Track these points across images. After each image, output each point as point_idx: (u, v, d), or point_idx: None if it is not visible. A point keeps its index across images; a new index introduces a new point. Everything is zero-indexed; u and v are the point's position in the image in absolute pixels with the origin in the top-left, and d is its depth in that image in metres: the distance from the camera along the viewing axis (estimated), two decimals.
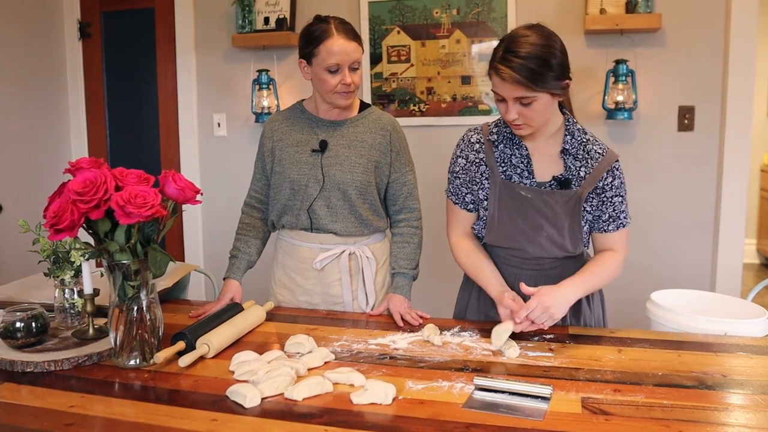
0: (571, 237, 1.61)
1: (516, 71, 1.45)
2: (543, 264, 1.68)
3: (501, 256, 1.71)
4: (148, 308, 1.41)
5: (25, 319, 1.46)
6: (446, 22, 3.07)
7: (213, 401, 1.23)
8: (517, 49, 1.46)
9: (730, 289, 2.86)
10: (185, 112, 3.49)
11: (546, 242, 1.62)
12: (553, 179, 1.61)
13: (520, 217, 1.62)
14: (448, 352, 1.48)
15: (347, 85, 1.78)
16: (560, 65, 1.49)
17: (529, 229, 1.62)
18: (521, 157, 1.64)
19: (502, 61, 1.48)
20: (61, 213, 1.28)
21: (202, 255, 3.57)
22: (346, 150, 1.86)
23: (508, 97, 1.50)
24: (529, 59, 1.45)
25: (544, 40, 1.48)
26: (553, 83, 1.49)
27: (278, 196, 1.91)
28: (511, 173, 1.64)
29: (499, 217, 1.64)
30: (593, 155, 1.61)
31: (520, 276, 1.68)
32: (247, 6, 3.21)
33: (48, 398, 1.25)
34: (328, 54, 1.75)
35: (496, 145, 1.67)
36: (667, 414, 1.15)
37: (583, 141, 1.62)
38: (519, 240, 1.63)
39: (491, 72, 1.52)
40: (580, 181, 1.60)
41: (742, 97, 2.79)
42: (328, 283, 1.92)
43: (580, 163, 1.61)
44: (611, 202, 1.62)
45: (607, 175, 1.60)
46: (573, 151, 1.61)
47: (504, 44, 1.50)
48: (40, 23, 3.42)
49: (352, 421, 1.14)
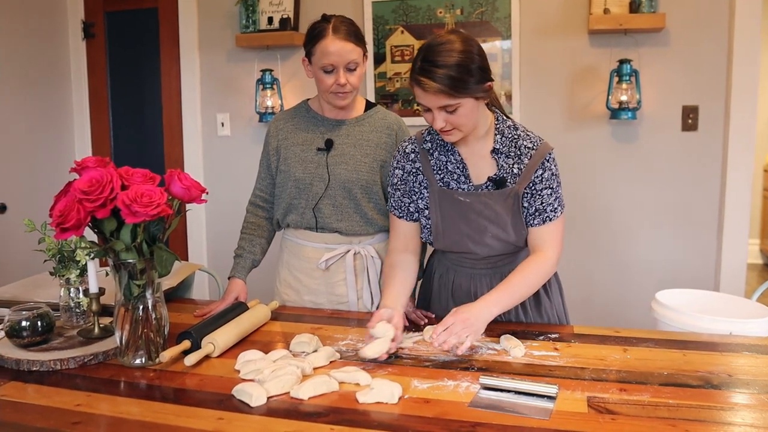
0: (515, 232, 1.61)
1: (437, 81, 1.44)
2: (495, 262, 1.68)
3: (454, 260, 1.72)
4: (154, 307, 1.41)
5: (30, 318, 1.46)
6: (450, 22, 3.07)
7: (219, 400, 1.23)
8: (436, 58, 1.45)
9: (733, 289, 2.86)
10: (189, 112, 3.50)
11: (492, 241, 1.62)
12: (488, 180, 1.61)
13: (463, 221, 1.62)
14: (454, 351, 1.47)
15: (341, 85, 1.78)
16: (480, 69, 1.48)
17: (473, 233, 1.62)
18: (456, 162, 1.63)
19: (422, 72, 1.46)
20: (67, 212, 1.28)
21: (206, 254, 3.57)
22: (352, 149, 1.86)
23: (433, 106, 1.49)
24: (448, 68, 1.43)
25: (462, 45, 1.46)
26: (475, 87, 1.47)
27: (283, 195, 1.91)
28: (448, 180, 1.64)
29: (443, 224, 1.64)
30: (524, 150, 1.60)
31: (474, 276, 1.69)
32: (251, 6, 3.21)
33: (54, 397, 1.26)
34: (322, 54, 1.76)
35: (431, 153, 1.66)
36: (673, 413, 1.15)
37: (514, 138, 1.61)
38: (466, 243, 1.64)
39: (412, 83, 1.50)
40: (515, 177, 1.60)
41: (746, 96, 2.79)
42: (333, 283, 1.92)
43: (512, 161, 1.60)
44: (540, 195, 1.60)
45: (539, 168, 1.59)
46: (504, 149, 1.60)
47: (422, 54, 1.48)
48: (44, 23, 3.42)
49: (359, 420, 1.14)
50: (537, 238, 1.62)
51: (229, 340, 1.49)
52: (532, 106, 3.03)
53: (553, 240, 1.61)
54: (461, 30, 1.52)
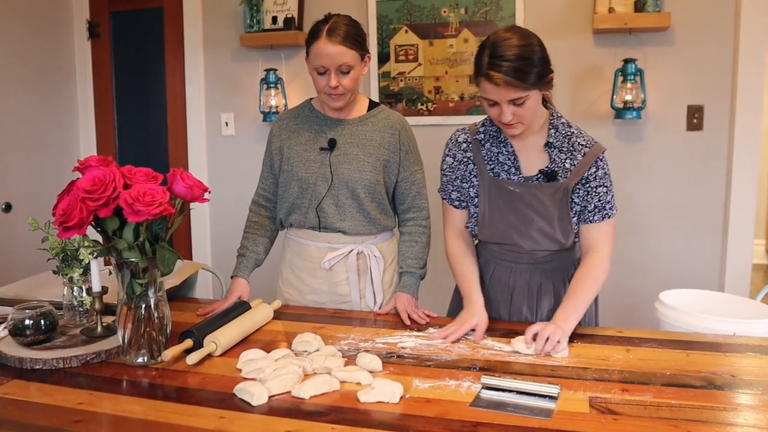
0: (561, 228, 1.64)
1: (507, 74, 1.47)
2: (537, 257, 1.70)
3: (495, 252, 1.74)
4: (156, 306, 1.41)
5: (34, 316, 1.47)
6: (454, 21, 3.07)
7: (220, 399, 1.23)
8: (503, 53, 1.48)
9: (738, 290, 2.84)
10: (193, 112, 3.50)
11: (537, 235, 1.65)
12: (539, 173, 1.64)
13: (511, 212, 1.65)
14: (456, 351, 1.48)
15: (332, 87, 1.77)
16: (543, 60, 1.52)
17: (520, 224, 1.65)
18: (507, 154, 1.67)
19: (491, 67, 1.49)
20: (69, 211, 1.28)
21: (210, 253, 3.58)
22: (355, 149, 1.86)
23: (503, 100, 1.52)
24: (516, 61, 1.48)
25: (525, 39, 1.51)
26: (541, 79, 1.52)
27: (286, 195, 1.92)
28: (498, 170, 1.68)
29: (490, 214, 1.67)
30: (577, 147, 1.63)
31: (514, 270, 1.72)
32: (255, 5, 3.22)
33: (56, 395, 1.26)
34: (315, 55, 1.76)
35: (483, 143, 1.70)
36: (676, 414, 1.14)
37: (568, 134, 1.65)
38: (511, 235, 1.67)
39: (480, 79, 1.53)
40: (566, 173, 1.63)
41: (751, 96, 2.77)
42: (335, 282, 1.92)
43: (565, 156, 1.63)
44: (596, 192, 1.63)
45: (592, 166, 1.63)
46: (557, 144, 1.64)
47: (488, 50, 1.52)
48: (49, 23, 3.43)
49: (360, 419, 1.14)
50: (594, 237, 1.65)
51: (231, 339, 1.50)
52: None
53: (609, 239, 1.66)
54: (519, 26, 1.56)
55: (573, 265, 1.73)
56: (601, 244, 1.65)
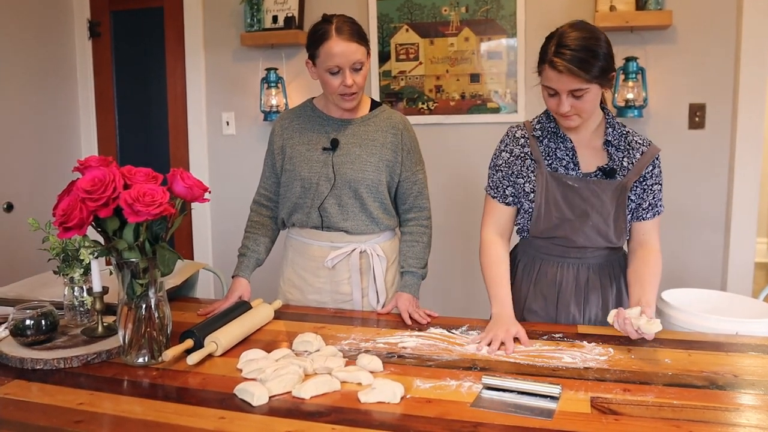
0: (615, 226, 1.66)
1: (572, 63, 1.50)
2: (585, 254, 1.72)
3: (541, 247, 1.75)
4: (157, 306, 1.41)
5: (34, 316, 1.47)
6: (455, 19, 3.06)
7: (221, 399, 1.23)
8: (571, 43, 1.52)
9: (741, 289, 2.84)
10: (194, 111, 3.50)
11: (591, 231, 1.67)
12: (598, 169, 1.67)
13: (567, 206, 1.67)
14: (456, 351, 1.47)
15: (348, 86, 1.77)
16: (608, 57, 1.55)
17: (575, 218, 1.67)
18: (566, 150, 1.69)
19: (557, 54, 1.52)
20: (70, 211, 1.28)
21: (211, 253, 3.58)
22: (358, 148, 1.86)
23: (563, 89, 1.55)
24: (582, 51, 1.51)
25: (592, 33, 1.55)
26: (603, 74, 1.54)
27: (288, 194, 1.91)
28: (557, 166, 1.69)
29: (546, 207, 1.68)
30: (635, 146, 1.67)
31: (562, 264, 1.73)
32: (256, 5, 3.21)
33: (57, 395, 1.26)
34: (327, 56, 1.74)
35: (541, 140, 1.72)
36: (678, 414, 1.14)
37: (624, 133, 1.69)
38: (565, 229, 1.68)
39: (545, 66, 1.56)
40: (624, 171, 1.66)
41: (754, 94, 2.76)
42: (338, 282, 1.92)
43: (622, 154, 1.67)
44: (651, 190, 1.68)
45: (650, 165, 1.67)
46: (615, 142, 1.67)
47: (555, 40, 1.55)
48: (49, 22, 3.43)
49: (360, 419, 1.14)
50: (647, 232, 1.70)
51: (231, 339, 1.49)
52: (538, 104, 3.01)
53: (658, 233, 1.71)
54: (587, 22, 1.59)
55: (619, 264, 1.76)
56: (653, 240, 1.70)
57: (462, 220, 3.11)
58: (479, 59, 3.06)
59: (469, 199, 3.08)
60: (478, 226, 1.80)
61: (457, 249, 3.15)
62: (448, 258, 3.16)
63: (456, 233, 3.13)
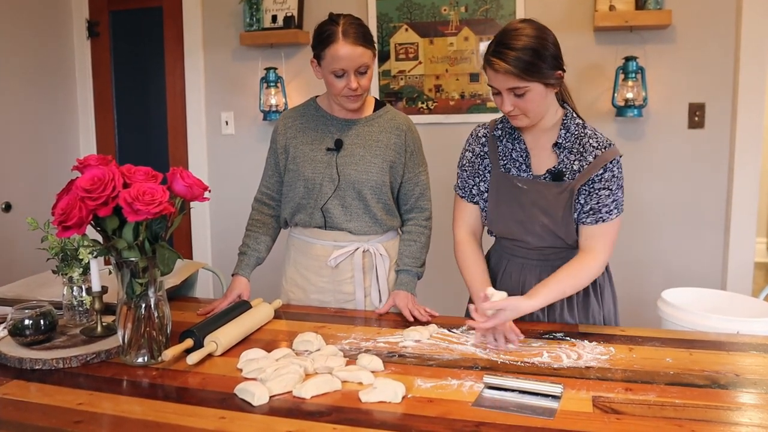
0: (565, 227, 1.64)
1: (508, 63, 1.50)
2: (547, 255, 1.70)
3: (507, 248, 1.76)
4: (156, 306, 1.41)
5: (33, 316, 1.46)
6: (454, 19, 3.06)
7: (221, 399, 1.22)
8: (509, 41, 1.51)
9: (741, 288, 2.83)
10: (193, 111, 3.49)
11: (542, 231, 1.66)
12: (547, 172, 1.65)
13: (518, 207, 1.67)
14: (458, 350, 1.47)
15: (352, 89, 1.76)
16: (552, 56, 1.53)
17: (526, 219, 1.66)
18: (520, 151, 1.69)
19: (494, 54, 1.52)
20: (69, 210, 1.28)
21: (210, 253, 3.57)
22: (361, 149, 1.85)
23: (502, 88, 1.55)
24: (520, 50, 1.49)
25: (536, 32, 1.52)
26: (546, 73, 1.52)
27: (291, 194, 1.91)
28: (510, 166, 1.69)
29: (499, 209, 1.69)
30: (588, 149, 1.62)
31: (525, 266, 1.73)
32: (255, 4, 3.21)
33: (56, 395, 1.25)
34: (332, 59, 1.73)
35: (500, 139, 1.72)
36: (680, 413, 1.14)
37: (580, 135, 1.64)
38: (518, 230, 1.68)
39: (485, 66, 1.56)
40: (573, 174, 1.62)
41: (753, 93, 2.76)
42: (340, 281, 1.91)
43: (574, 157, 1.63)
44: (597, 194, 1.61)
45: (601, 169, 1.60)
46: (567, 144, 1.64)
47: (497, 38, 1.55)
48: (48, 22, 3.43)
49: (361, 419, 1.13)
50: (588, 238, 1.63)
51: (231, 339, 1.49)
52: None
53: (603, 242, 1.61)
54: (534, 19, 1.58)
55: None
56: (596, 246, 1.60)
57: None
58: (479, 59, 3.06)
59: None
60: None
61: None
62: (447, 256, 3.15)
63: None
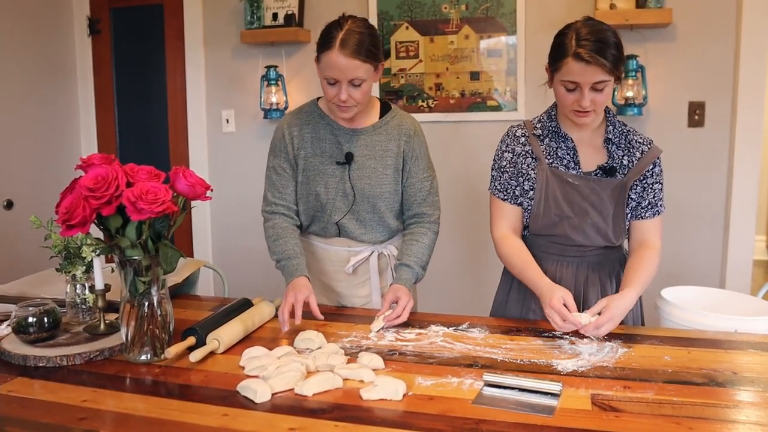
0: (614, 225, 1.67)
1: (606, 57, 1.50)
2: (584, 252, 1.72)
3: (542, 245, 1.74)
4: (159, 304, 1.42)
5: (37, 314, 1.47)
6: (455, 17, 3.06)
7: (224, 396, 1.23)
8: (591, 36, 1.52)
9: (740, 286, 2.85)
10: (194, 109, 3.50)
11: (590, 230, 1.67)
12: (598, 168, 1.67)
13: (567, 204, 1.67)
14: (457, 348, 1.48)
15: (341, 101, 1.69)
16: (622, 49, 1.56)
17: (575, 216, 1.67)
18: (567, 149, 1.69)
19: (581, 45, 1.52)
20: (73, 209, 1.29)
21: (211, 251, 3.58)
22: (372, 161, 1.82)
23: (587, 82, 1.54)
24: (613, 46, 1.52)
25: (606, 26, 1.56)
26: (620, 67, 1.55)
27: (305, 207, 1.88)
28: (557, 164, 1.70)
29: (546, 205, 1.68)
30: (635, 144, 1.68)
31: (561, 262, 1.73)
32: (256, 2, 3.21)
33: (60, 392, 1.27)
34: (326, 66, 1.67)
35: (542, 138, 1.72)
36: (678, 411, 1.15)
37: (624, 131, 1.70)
38: (564, 227, 1.68)
39: (567, 60, 1.54)
40: (624, 169, 1.66)
41: (753, 92, 2.77)
42: (356, 284, 1.91)
43: (622, 152, 1.68)
44: (652, 189, 1.69)
45: (652, 164, 1.68)
46: (616, 140, 1.68)
47: (573, 33, 1.55)
48: (49, 20, 3.43)
49: (363, 416, 1.14)
50: (646, 232, 1.70)
51: (233, 337, 1.50)
52: (538, 102, 3.02)
53: (658, 233, 1.71)
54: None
55: (619, 262, 1.76)
56: (651, 240, 1.69)
57: (462, 217, 3.11)
58: (479, 57, 3.07)
59: (469, 196, 3.09)
60: (478, 223, 1.80)
61: (457, 246, 3.16)
62: (449, 254, 3.16)
63: (456, 231, 3.13)
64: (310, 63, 3.31)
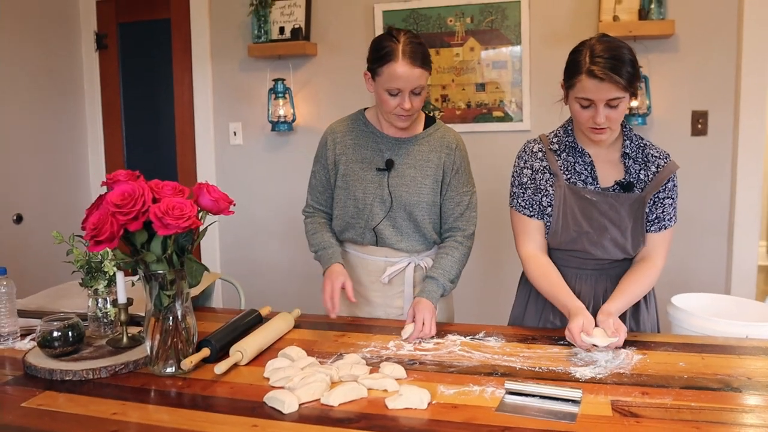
0: (633, 239, 1.68)
1: (620, 74, 1.51)
2: (603, 265, 1.73)
3: (560, 258, 1.75)
4: (183, 317, 1.44)
5: (62, 328, 1.49)
6: (460, 30, 3.10)
7: (251, 407, 1.26)
8: (605, 53, 1.53)
9: (744, 292, 2.87)
10: (201, 122, 3.53)
11: (609, 244, 1.68)
12: (615, 183, 1.68)
13: (585, 219, 1.68)
14: (476, 357, 1.50)
15: (405, 109, 1.74)
16: (637, 66, 1.57)
17: (593, 232, 1.68)
18: (584, 164, 1.70)
19: (595, 63, 1.53)
20: (100, 225, 1.31)
21: (219, 263, 3.59)
22: (412, 170, 1.84)
23: (601, 99, 1.54)
24: (617, 60, 1.52)
25: (621, 43, 1.57)
26: (635, 83, 1.56)
27: (341, 212, 1.90)
28: (575, 180, 1.70)
29: (564, 221, 1.69)
30: (651, 159, 1.70)
31: (580, 276, 1.74)
32: (263, 16, 3.25)
33: (90, 405, 1.29)
34: (389, 77, 1.70)
35: (558, 153, 1.72)
36: (696, 416, 1.17)
37: (641, 145, 1.71)
38: (582, 243, 1.69)
39: (581, 77, 1.55)
40: (641, 184, 1.68)
41: (755, 101, 2.81)
42: (392, 295, 1.92)
43: (639, 167, 1.69)
44: (662, 204, 1.70)
45: (667, 180, 1.70)
46: (633, 155, 1.69)
47: (587, 50, 1.56)
48: (57, 35, 3.47)
49: (390, 425, 1.17)
50: (650, 245, 1.70)
51: (256, 349, 1.53)
52: (543, 113, 3.06)
53: (663, 249, 1.72)
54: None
55: None
56: (654, 256, 1.70)
57: None
58: (484, 69, 3.11)
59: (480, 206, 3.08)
60: (489, 232, 1.81)
61: (486, 260, 3.17)
62: None
63: None
64: (317, 76, 3.36)
